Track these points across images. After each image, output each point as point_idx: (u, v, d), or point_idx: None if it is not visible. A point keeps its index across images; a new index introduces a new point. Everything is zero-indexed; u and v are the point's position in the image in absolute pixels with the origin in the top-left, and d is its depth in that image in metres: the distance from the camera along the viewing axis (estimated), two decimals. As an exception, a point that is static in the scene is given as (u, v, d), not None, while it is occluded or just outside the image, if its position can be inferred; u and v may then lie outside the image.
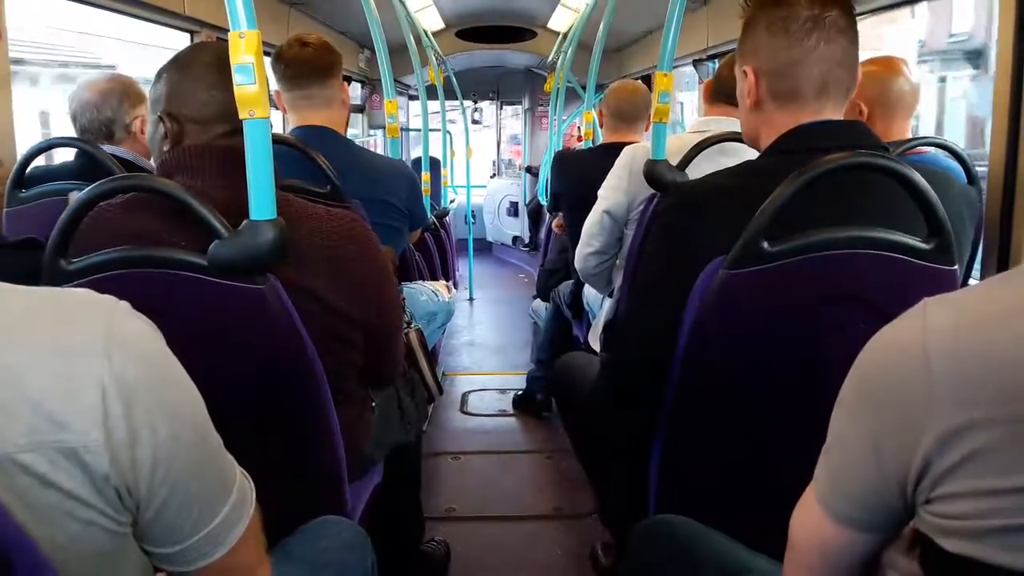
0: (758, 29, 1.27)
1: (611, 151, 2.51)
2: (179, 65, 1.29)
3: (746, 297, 1.21)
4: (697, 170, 1.93)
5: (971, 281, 1.81)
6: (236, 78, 1.12)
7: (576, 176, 2.99)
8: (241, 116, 1.13)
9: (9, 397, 0.61)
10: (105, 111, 2.16)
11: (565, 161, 3.28)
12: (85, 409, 0.64)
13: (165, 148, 1.28)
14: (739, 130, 1.47)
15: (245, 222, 1.15)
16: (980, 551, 0.62)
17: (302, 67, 2.12)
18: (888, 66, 2.07)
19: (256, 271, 1.18)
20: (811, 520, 0.82)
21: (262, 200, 1.15)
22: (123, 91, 2.19)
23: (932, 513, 0.66)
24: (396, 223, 2.32)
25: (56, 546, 0.63)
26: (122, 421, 0.66)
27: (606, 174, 2.41)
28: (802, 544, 0.85)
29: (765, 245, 1.17)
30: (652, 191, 2.08)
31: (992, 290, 0.68)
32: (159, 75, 1.29)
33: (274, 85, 2.17)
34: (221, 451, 0.81)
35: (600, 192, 2.41)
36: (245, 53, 1.12)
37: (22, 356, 0.63)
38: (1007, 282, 0.67)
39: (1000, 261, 1.60)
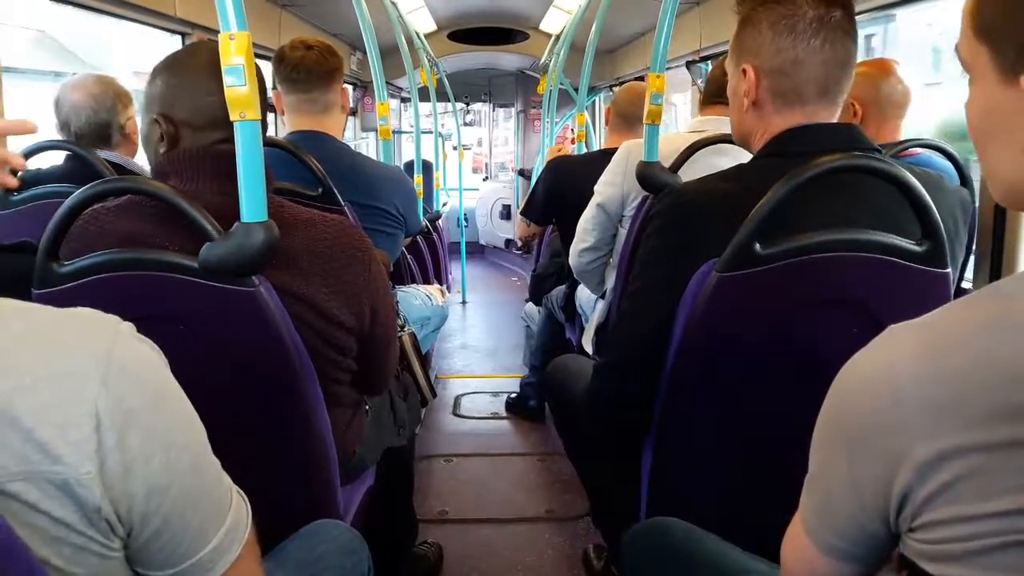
0: (760, 27, 1.25)
1: (607, 155, 2.49)
2: (176, 67, 1.28)
3: (738, 300, 1.21)
4: (690, 172, 1.93)
5: (964, 284, 1.82)
6: (226, 79, 1.12)
7: (573, 183, 2.93)
8: (232, 118, 1.13)
9: (2, 425, 0.60)
10: (101, 114, 2.14)
11: (561, 168, 3.21)
12: (78, 440, 0.62)
13: (161, 150, 1.27)
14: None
15: (236, 224, 1.15)
16: (964, 572, 0.62)
17: (307, 72, 2.10)
18: (881, 67, 2.08)
19: (247, 273, 1.17)
20: (800, 551, 0.81)
21: (253, 202, 1.15)
22: (116, 93, 2.16)
23: (916, 540, 0.66)
24: (391, 229, 2.32)
25: (51, 567, 0.62)
26: (116, 452, 0.64)
27: None
28: (793, 572, 0.85)
29: (757, 248, 1.17)
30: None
31: (958, 312, 0.66)
32: (155, 74, 1.28)
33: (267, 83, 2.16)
34: (218, 475, 0.80)
35: (596, 187, 2.38)
36: (236, 55, 1.11)
37: (17, 381, 0.61)
38: (972, 303, 0.66)
39: (993, 263, 1.61)
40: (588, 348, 2.62)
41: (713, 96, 2.22)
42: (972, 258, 1.76)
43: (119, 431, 0.65)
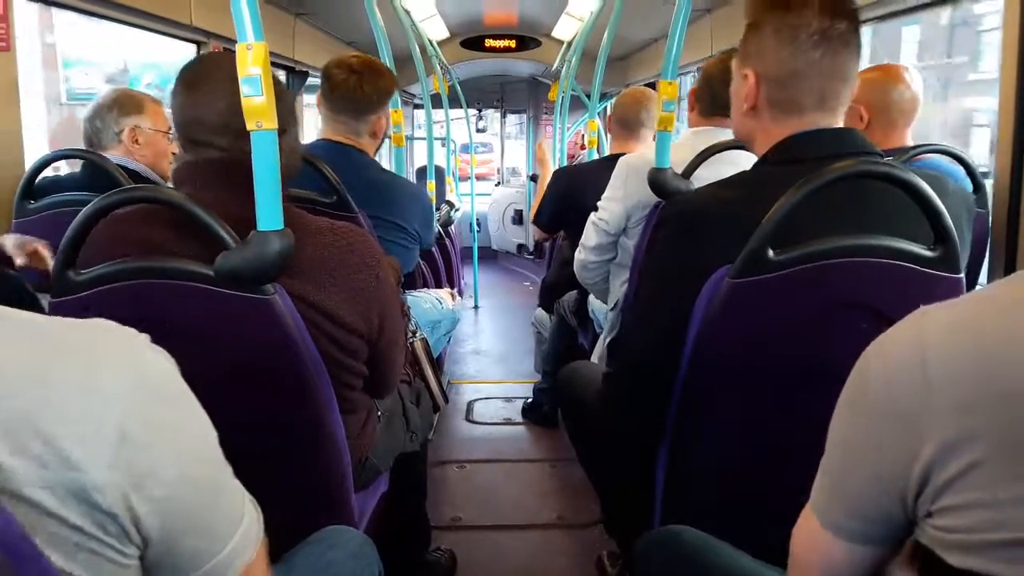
0: (765, 33, 1.25)
1: (613, 163, 2.50)
2: (183, 83, 1.31)
3: (751, 306, 1.21)
4: (698, 179, 1.93)
5: (977, 288, 1.81)
6: (243, 90, 1.13)
7: (580, 190, 2.94)
8: (248, 127, 1.14)
9: (25, 432, 0.60)
10: (95, 120, 2.23)
11: (567, 176, 3.24)
12: (100, 449, 0.63)
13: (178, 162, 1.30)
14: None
15: (252, 232, 1.16)
16: (984, 565, 0.61)
17: (340, 97, 2.19)
18: (889, 73, 2.07)
19: (262, 281, 1.18)
20: (810, 534, 0.81)
21: (269, 210, 1.16)
22: (116, 100, 2.24)
23: (934, 527, 0.66)
24: (407, 244, 2.38)
25: (67, 573, 0.63)
26: (136, 460, 0.65)
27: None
28: (803, 559, 0.84)
29: (770, 254, 1.17)
30: (649, 201, 2.08)
31: (987, 293, 0.67)
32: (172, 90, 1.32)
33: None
34: (231, 482, 0.81)
35: (599, 203, 2.41)
36: (252, 65, 1.12)
37: (41, 391, 0.62)
38: (1002, 284, 0.67)
39: (1008, 267, 1.60)
40: (598, 362, 2.61)
41: (715, 106, 2.20)
42: (985, 262, 1.75)
43: (139, 440, 0.65)
